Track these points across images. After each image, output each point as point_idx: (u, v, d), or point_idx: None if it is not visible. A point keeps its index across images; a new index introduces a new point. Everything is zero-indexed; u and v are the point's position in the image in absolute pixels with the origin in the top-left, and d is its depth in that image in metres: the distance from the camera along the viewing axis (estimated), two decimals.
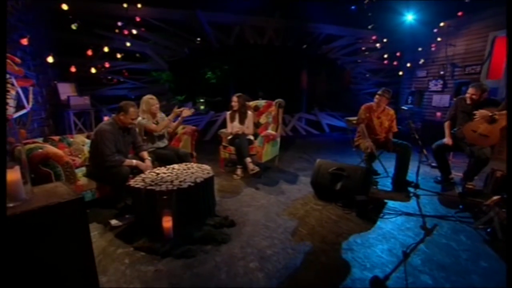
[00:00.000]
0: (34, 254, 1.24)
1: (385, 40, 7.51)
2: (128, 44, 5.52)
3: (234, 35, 6.55)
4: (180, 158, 3.18)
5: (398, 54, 7.61)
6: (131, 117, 2.68)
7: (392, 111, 3.65)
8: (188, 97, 9.68)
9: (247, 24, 6.55)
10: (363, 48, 7.78)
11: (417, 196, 3.12)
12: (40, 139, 2.80)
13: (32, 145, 2.43)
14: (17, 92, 3.15)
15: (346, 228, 2.44)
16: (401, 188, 3.35)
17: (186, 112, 3.52)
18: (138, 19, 5.54)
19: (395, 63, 7.67)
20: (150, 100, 3.32)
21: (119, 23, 5.39)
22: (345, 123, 4.11)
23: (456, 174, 3.66)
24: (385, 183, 3.57)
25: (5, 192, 1.21)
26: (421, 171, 3.32)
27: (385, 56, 7.65)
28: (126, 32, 5.50)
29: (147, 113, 3.32)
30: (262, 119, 4.36)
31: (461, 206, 2.81)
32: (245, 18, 6.46)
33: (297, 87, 9.28)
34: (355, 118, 3.92)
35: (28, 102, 3.36)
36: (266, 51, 8.00)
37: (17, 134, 1.52)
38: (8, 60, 2.81)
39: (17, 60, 3.01)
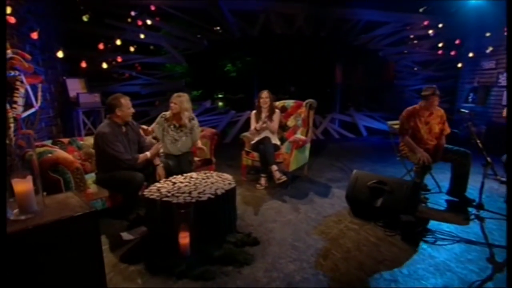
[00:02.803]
0: (45, 270, 1.32)
1: (440, 25, 7.18)
2: (142, 36, 5.75)
3: (259, 24, 6.59)
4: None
5: (457, 41, 7.23)
6: (127, 108, 2.78)
7: (441, 111, 3.45)
8: (205, 93, 9.83)
9: (273, 11, 6.56)
10: (412, 36, 7.53)
11: (481, 219, 2.94)
12: (49, 142, 2.98)
13: (42, 149, 2.60)
14: (26, 90, 3.37)
15: (389, 254, 2.37)
16: (458, 207, 3.21)
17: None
18: (153, 8, 5.75)
19: (452, 53, 7.31)
20: (176, 97, 3.26)
21: (132, 13, 5.63)
22: (387, 127, 4.00)
23: None
24: (437, 201, 3.43)
25: (5, 203, 1.29)
26: (486, 187, 3.12)
27: (440, 45, 7.33)
28: (140, 22, 5.72)
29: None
30: (290, 122, 4.35)
31: None
32: (271, 5, 6.48)
33: (330, 83, 9.16)
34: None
35: (36, 100, 3.57)
36: (295, 42, 7.97)
37: (30, 139, 1.64)
38: (18, 56, 3.02)
39: (27, 56, 3.21)
